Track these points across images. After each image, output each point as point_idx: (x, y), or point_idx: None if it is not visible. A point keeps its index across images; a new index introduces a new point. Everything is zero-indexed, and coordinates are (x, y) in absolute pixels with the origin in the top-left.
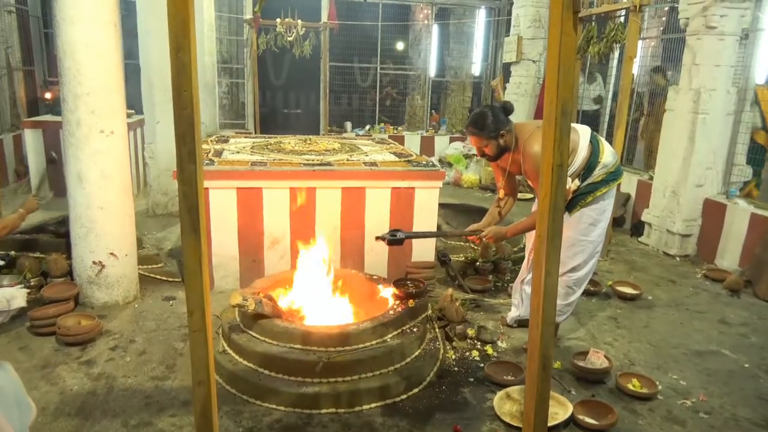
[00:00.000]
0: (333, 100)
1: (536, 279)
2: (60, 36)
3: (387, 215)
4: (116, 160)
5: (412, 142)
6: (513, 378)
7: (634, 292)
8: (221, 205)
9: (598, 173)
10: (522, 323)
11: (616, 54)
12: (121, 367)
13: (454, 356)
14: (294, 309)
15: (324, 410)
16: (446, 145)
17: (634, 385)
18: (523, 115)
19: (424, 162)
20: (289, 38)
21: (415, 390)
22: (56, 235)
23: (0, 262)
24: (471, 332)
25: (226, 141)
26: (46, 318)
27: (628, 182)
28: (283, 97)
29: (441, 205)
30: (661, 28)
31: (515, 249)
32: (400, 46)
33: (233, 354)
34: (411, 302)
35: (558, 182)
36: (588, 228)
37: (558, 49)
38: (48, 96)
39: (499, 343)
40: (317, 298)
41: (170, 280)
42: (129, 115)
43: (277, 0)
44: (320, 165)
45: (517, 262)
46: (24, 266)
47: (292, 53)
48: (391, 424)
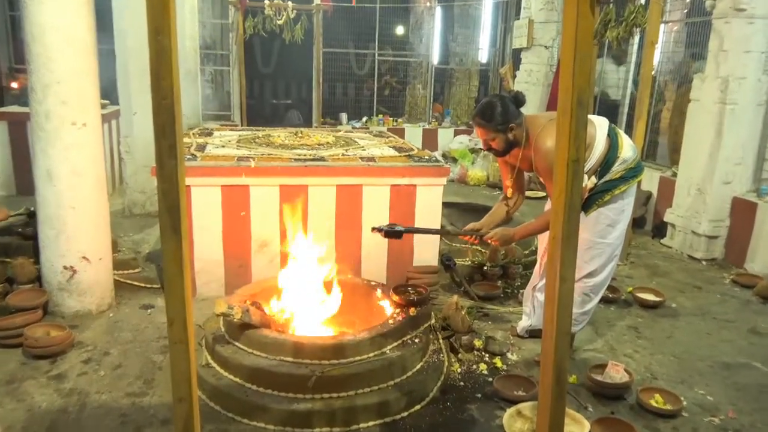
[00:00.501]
0: (327, 90)
1: (550, 285)
2: (27, 18)
3: (386, 215)
4: (89, 156)
5: (413, 135)
6: (524, 393)
7: (657, 299)
8: (204, 205)
9: (616, 169)
10: (534, 333)
11: (636, 39)
12: (94, 382)
13: (459, 370)
14: (284, 318)
15: (317, 429)
16: (450, 139)
17: (656, 401)
18: (535, 105)
19: (426, 157)
20: (278, 22)
21: (417, 407)
22: (23, 237)
23: None
24: (478, 343)
25: (210, 134)
26: (12, 328)
27: (650, 179)
28: (272, 86)
29: (445, 204)
30: (685, 11)
31: (526, 252)
32: (400, 30)
33: (217, 367)
34: (412, 310)
35: (573, 179)
36: (606, 229)
37: (573, 33)
38: (14, 85)
39: (509, 355)
40: (310, 306)
41: (148, 286)
42: (103, 106)
43: None
44: (313, 160)
45: (529, 266)
46: None
47: (281, 38)
48: None
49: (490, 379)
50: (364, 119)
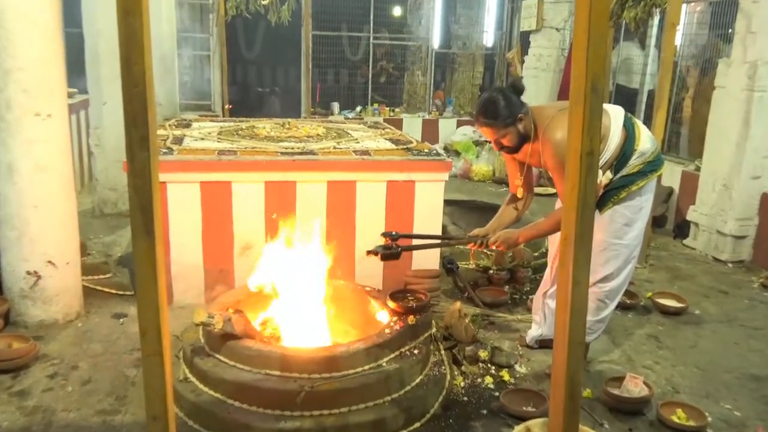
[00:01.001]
0: (317, 77)
1: (562, 290)
2: None
3: (382, 214)
4: (55, 149)
5: (412, 126)
6: (534, 409)
7: (679, 305)
8: (181, 203)
9: (634, 163)
10: (545, 344)
11: (656, 20)
12: (61, 398)
13: (463, 383)
14: (270, 328)
15: None
16: (453, 130)
17: (678, 416)
18: (545, 93)
19: (426, 150)
20: (263, 2)
21: (417, 424)
22: None
23: None
24: (483, 354)
25: (188, 125)
26: None
27: (671, 174)
28: (256, 72)
29: (446, 202)
30: None
31: (536, 254)
32: (397, 11)
33: (196, 382)
34: (411, 319)
35: (587, 173)
36: (622, 229)
37: (587, 13)
38: None
39: (517, 367)
40: (298, 314)
41: (121, 293)
42: (70, 95)
43: None
44: (301, 154)
45: (539, 269)
46: None
47: (267, 20)
48: None
49: (497, 394)
50: (358, 109)
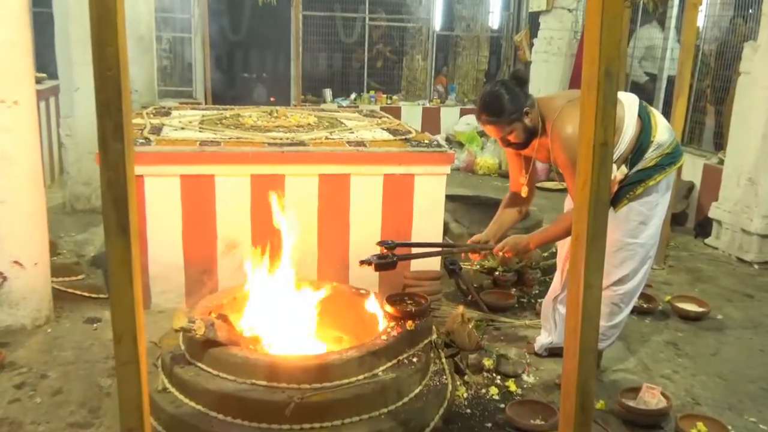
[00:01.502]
0: (308, 61)
1: (573, 294)
2: None
3: (378, 210)
4: (22, 140)
5: (411, 115)
6: (543, 422)
7: (700, 309)
8: (160, 198)
9: (650, 156)
10: (554, 352)
11: (676, 1)
12: (29, 410)
13: (466, 394)
14: (256, 334)
15: None
16: (455, 120)
17: (699, 430)
18: (556, 79)
19: (426, 141)
20: None
21: None
22: None
23: None
24: (488, 363)
25: (168, 114)
26: None
27: (692, 167)
28: (242, 57)
29: (449, 198)
30: None
31: (545, 254)
32: None
33: (176, 393)
34: (410, 324)
35: (600, 166)
36: (638, 227)
37: None
38: None
39: (525, 376)
40: (287, 319)
41: (94, 296)
42: (39, 81)
43: None
44: (291, 145)
45: (548, 271)
46: None
47: None
48: None
49: (503, 406)
50: (353, 96)
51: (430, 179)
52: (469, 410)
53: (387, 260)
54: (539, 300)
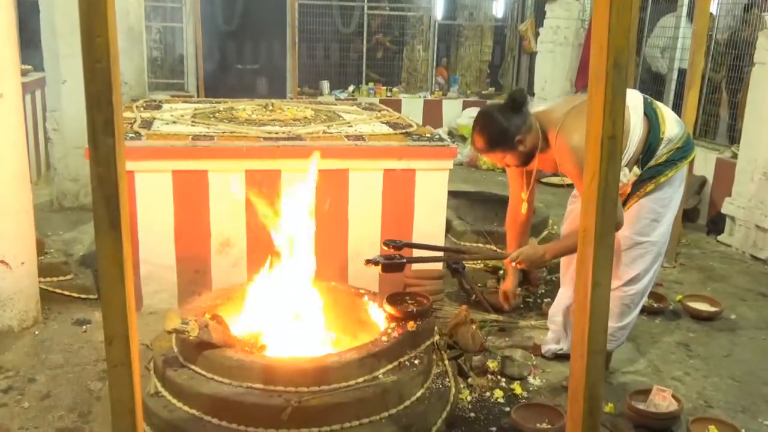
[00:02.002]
0: (304, 52)
1: (581, 292)
2: None
3: (378, 207)
4: (6, 134)
5: (412, 108)
6: (549, 426)
7: (712, 309)
8: (151, 195)
9: (661, 152)
10: (561, 354)
11: None
12: (16, 415)
13: (469, 397)
14: (252, 335)
15: None
16: (458, 113)
17: None
18: (563, 70)
19: (428, 135)
20: None
21: None
22: None
23: None
24: (492, 365)
25: (158, 107)
26: None
27: (704, 161)
28: (236, 47)
29: (451, 194)
30: None
31: None
32: None
33: (169, 396)
34: (411, 325)
35: (609, 160)
36: (650, 225)
37: None
38: None
39: (531, 379)
40: (284, 320)
41: (83, 297)
42: (24, 73)
43: None
44: (287, 139)
45: (554, 270)
46: None
47: None
48: None
49: (508, 409)
50: (351, 88)
51: (432, 174)
52: (473, 414)
53: (395, 261)
54: (545, 299)
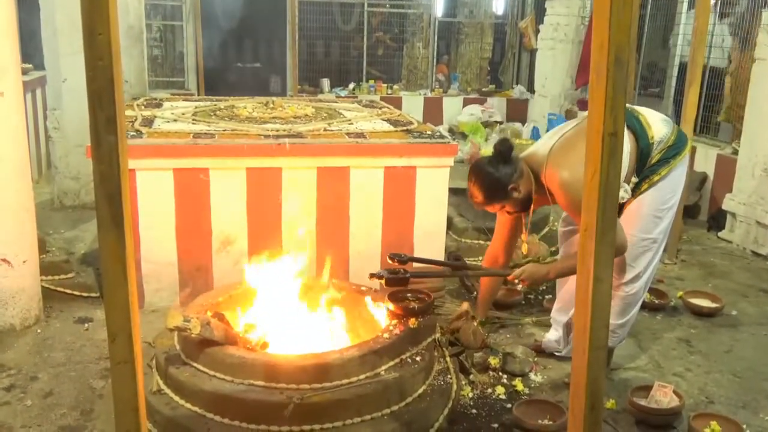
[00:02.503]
0: (304, 50)
1: (582, 288)
2: None
3: (379, 204)
4: (7, 133)
5: (413, 105)
6: (551, 422)
7: (713, 305)
8: (152, 193)
9: (653, 154)
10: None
11: None
12: (19, 413)
13: (471, 394)
14: (254, 333)
15: None
16: (458, 110)
17: (713, 429)
18: (563, 67)
19: (428, 132)
20: None
21: None
22: None
23: None
24: (494, 361)
25: (159, 105)
26: None
27: (705, 158)
28: (236, 45)
29: (452, 191)
30: None
31: (553, 249)
32: None
33: (171, 394)
34: (413, 322)
35: (610, 156)
36: (652, 222)
37: None
38: None
39: (532, 375)
40: (285, 317)
41: (85, 295)
42: (25, 72)
43: None
44: (287, 137)
45: None
46: None
47: None
48: None
49: (509, 406)
50: (351, 86)
51: (433, 172)
52: (474, 410)
53: (399, 276)
54: (546, 296)
